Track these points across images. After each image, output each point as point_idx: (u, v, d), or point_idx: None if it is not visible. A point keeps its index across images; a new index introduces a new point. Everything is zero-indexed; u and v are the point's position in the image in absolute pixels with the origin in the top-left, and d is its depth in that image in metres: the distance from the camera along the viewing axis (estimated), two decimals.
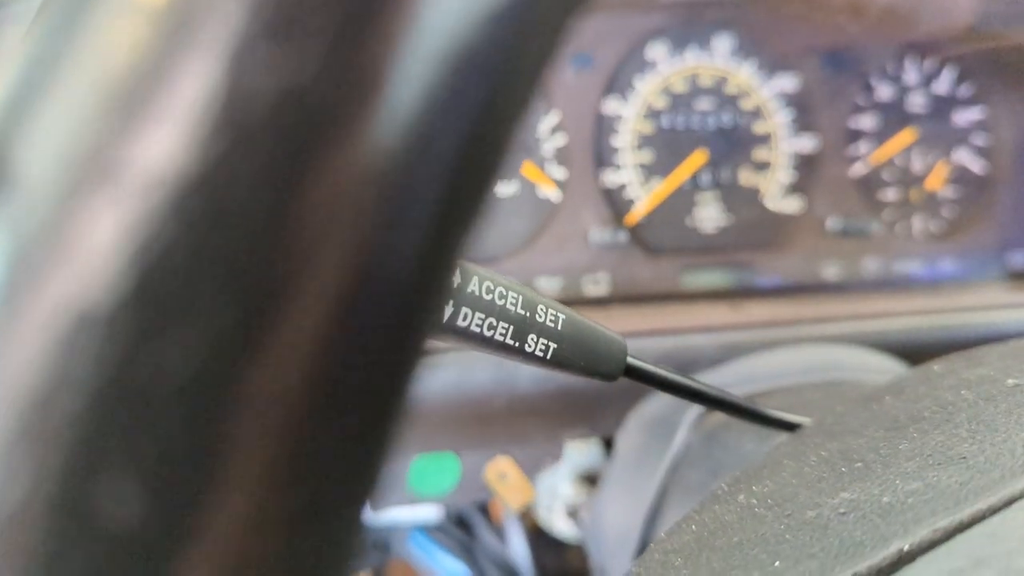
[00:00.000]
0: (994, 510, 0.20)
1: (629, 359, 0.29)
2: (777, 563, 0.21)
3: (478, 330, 0.24)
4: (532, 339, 0.26)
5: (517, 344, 0.25)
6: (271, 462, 0.09)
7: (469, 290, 0.24)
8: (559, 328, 0.26)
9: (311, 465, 0.09)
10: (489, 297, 0.24)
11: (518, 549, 0.69)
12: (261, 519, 0.09)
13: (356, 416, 0.10)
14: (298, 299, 0.09)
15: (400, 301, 0.10)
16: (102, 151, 0.09)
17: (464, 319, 0.24)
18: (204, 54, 0.09)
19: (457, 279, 0.23)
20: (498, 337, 0.25)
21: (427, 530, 0.71)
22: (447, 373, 0.50)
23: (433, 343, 0.24)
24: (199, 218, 0.09)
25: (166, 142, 0.09)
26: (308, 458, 0.09)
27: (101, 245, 0.08)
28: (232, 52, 0.09)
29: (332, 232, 0.09)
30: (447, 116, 0.10)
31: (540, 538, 0.69)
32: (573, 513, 0.61)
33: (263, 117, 0.09)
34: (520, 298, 0.25)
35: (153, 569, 0.08)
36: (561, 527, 0.61)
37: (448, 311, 0.23)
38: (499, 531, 0.71)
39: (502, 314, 0.24)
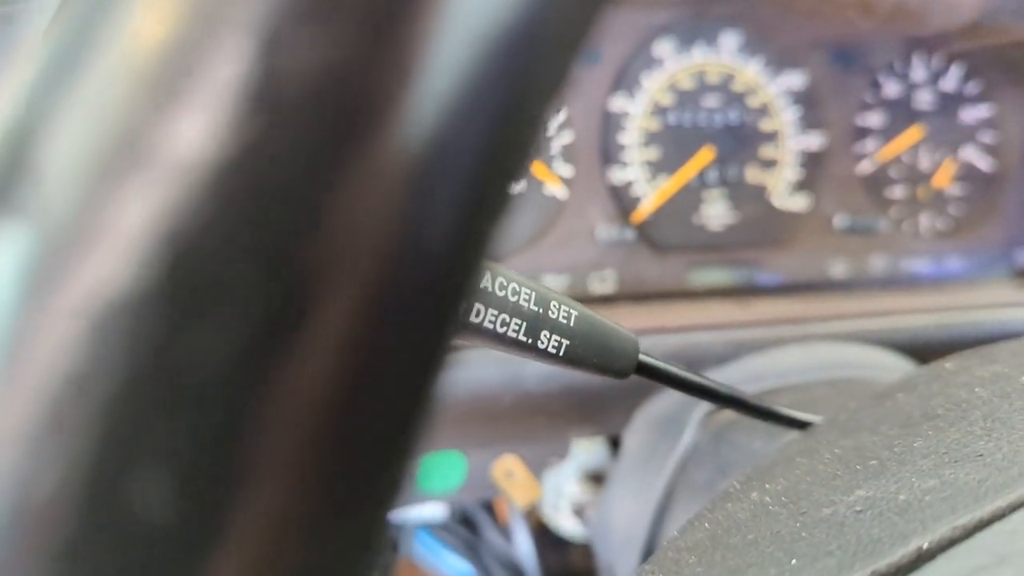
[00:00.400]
0: (1014, 507, 0.20)
1: (641, 356, 0.29)
2: (794, 561, 0.21)
3: (491, 326, 0.24)
4: (545, 336, 0.25)
5: (530, 341, 0.25)
6: (304, 454, 0.09)
7: (482, 286, 0.23)
8: (572, 325, 0.26)
9: (343, 458, 0.09)
10: (502, 293, 0.24)
11: (523, 548, 0.69)
12: (293, 512, 0.09)
13: (389, 406, 0.10)
14: (334, 285, 0.09)
15: (432, 287, 0.10)
16: (134, 133, 0.08)
17: (477, 315, 0.23)
18: (238, 34, 0.08)
19: None
20: (511, 334, 0.24)
21: (432, 529, 0.71)
22: (454, 371, 0.50)
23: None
24: (233, 202, 0.08)
25: (200, 124, 0.08)
26: (340, 451, 0.09)
27: (133, 230, 0.08)
28: (267, 32, 0.08)
29: (369, 215, 0.09)
30: (483, 97, 0.09)
31: (545, 537, 0.68)
32: (579, 512, 0.61)
33: (299, 98, 0.09)
34: (533, 294, 0.25)
35: (185, 562, 0.08)
36: (567, 526, 0.61)
37: None
38: (504, 530, 0.71)
39: (515, 310, 0.24)
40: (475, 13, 0.09)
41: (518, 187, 0.10)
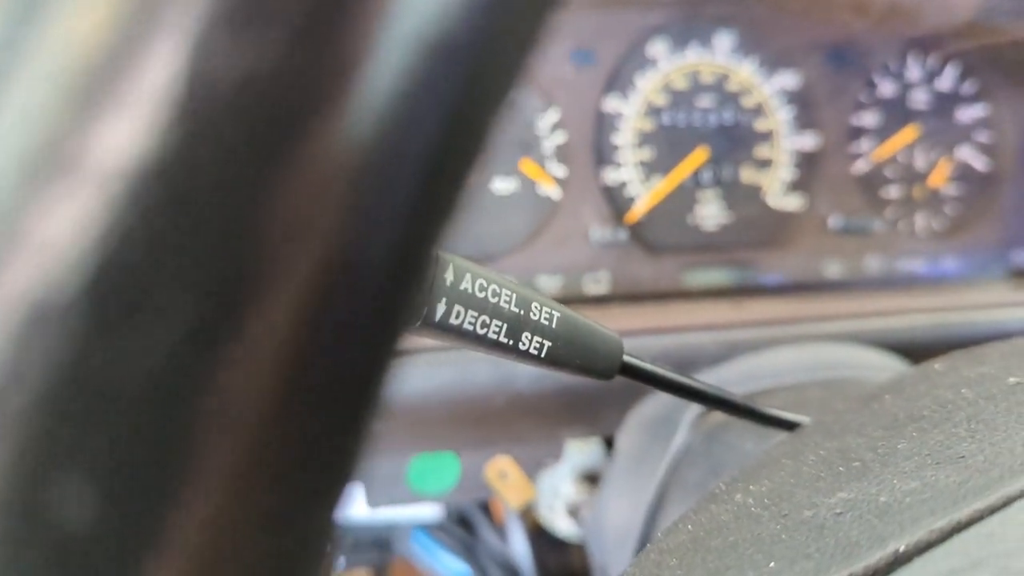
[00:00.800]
0: (992, 510, 0.20)
1: (625, 357, 0.29)
2: (772, 564, 0.21)
3: (471, 328, 0.24)
4: (526, 337, 0.25)
5: (511, 342, 0.25)
6: (235, 462, 0.09)
7: (462, 287, 0.23)
8: (553, 326, 0.26)
9: (279, 465, 0.09)
10: (482, 295, 0.24)
11: (519, 548, 0.69)
12: (226, 520, 0.09)
13: (325, 415, 0.09)
14: (264, 295, 0.09)
15: (372, 296, 0.09)
16: (59, 140, 0.08)
17: (457, 317, 0.23)
18: (165, 41, 0.08)
19: (450, 277, 0.23)
20: (491, 335, 0.24)
21: (429, 529, 0.71)
22: (446, 372, 0.50)
23: (427, 341, 0.24)
24: (159, 210, 0.08)
25: (125, 131, 0.08)
26: (275, 459, 0.09)
27: (57, 237, 0.08)
28: (194, 39, 0.08)
29: (300, 225, 0.09)
30: (422, 107, 0.09)
31: (541, 537, 0.68)
32: (574, 512, 0.61)
33: (225, 106, 0.08)
34: (514, 296, 0.25)
35: (111, 572, 0.08)
36: (562, 526, 0.61)
37: (441, 309, 0.23)
38: (501, 530, 0.71)
39: (495, 312, 0.24)
40: (411, 21, 0.09)
41: (466, 192, 0.10)
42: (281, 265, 0.09)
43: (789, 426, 0.35)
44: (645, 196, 0.61)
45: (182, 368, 0.08)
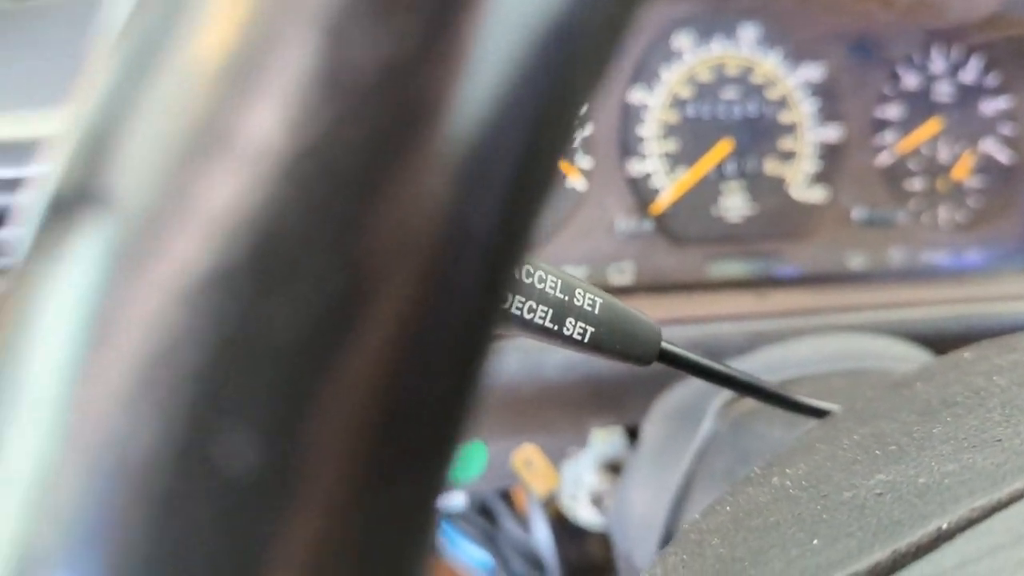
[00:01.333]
0: None
1: (663, 344, 0.30)
2: (815, 542, 0.22)
3: (519, 313, 0.24)
4: (570, 323, 0.26)
5: (556, 327, 0.26)
6: (369, 418, 0.10)
7: None
8: (596, 312, 0.27)
9: (403, 423, 0.10)
10: (529, 280, 0.25)
11: (542, 537, 0.70)
12: (363, 469, 0.10)
13: (445, 375, 0.10)
14: (396, 263, 0.09)
15: (485, 266, 0.10)
16: (214, 123, 0.09)
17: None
18: (309, 30, 0.09)
19: None
20: (538, 320, 0.25)
21: (451, 519, 0.72)
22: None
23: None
24: (308, 184, 0.09)
25: (274, 113, 0.09)
26: (400, 417, 0.10)
27: (218, 210, 0.09)
28: (335, 27, 0.09)
29: (428, 200, 0.09)
30: (529, 86, 0.10)
31: (563, 527, 0.69)
32: (597, 501, 0.61)
33: (366, 89, 0.09)
34: (559, 282, 0.25)
35: (266, 513, 0.09)
36: (585, 515, 0.62)
37: None
38: (522, 520, 0.72)
39: (541, 297, 0.25)
40: (524, 7, 0.10)
41: (560, 174, 0.11)
42: (409, 238, 0.09)
43: (820, 414, 0.35)
44: (670, 188, 0.62)
45: (327, 330, 0.09)
